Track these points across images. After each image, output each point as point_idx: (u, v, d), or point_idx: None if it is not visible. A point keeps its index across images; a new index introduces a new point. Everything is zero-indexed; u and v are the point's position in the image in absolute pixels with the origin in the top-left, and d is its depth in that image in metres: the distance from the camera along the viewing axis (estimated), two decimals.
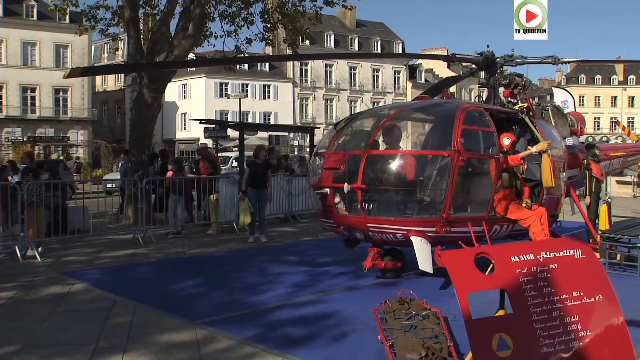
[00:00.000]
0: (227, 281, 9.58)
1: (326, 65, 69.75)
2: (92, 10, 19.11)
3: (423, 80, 75.40)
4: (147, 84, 16.53)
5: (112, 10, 19.33)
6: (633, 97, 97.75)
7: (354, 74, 72.36)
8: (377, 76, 74.12)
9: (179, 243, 13.43)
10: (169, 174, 14.56)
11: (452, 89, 57.05)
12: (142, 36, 18.32)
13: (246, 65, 61.17)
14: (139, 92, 17.15)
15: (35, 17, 53.13)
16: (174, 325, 6.95)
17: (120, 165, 22.92)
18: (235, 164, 26.56)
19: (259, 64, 64.12)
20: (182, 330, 6.77)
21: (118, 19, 19.19)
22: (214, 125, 25.33)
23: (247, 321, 7.17)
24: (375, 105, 60.30)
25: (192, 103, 62.68)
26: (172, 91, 59.49)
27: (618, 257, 10.57)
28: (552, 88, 30.11)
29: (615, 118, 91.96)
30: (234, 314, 7.54)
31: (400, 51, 73.40)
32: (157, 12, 20.64)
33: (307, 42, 22.88)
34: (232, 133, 28.88)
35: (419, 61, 77.96)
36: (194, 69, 60.49)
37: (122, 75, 66.89)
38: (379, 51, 72.25)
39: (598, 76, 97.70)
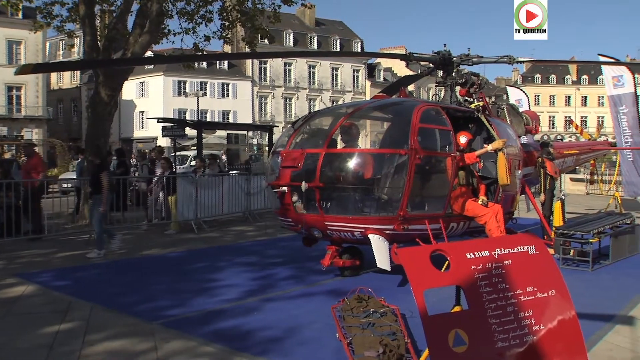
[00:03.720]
0: (184, 281, 9.48)
1: (285, 64, 69.60)
2: (47, 7, 18.68)
3: (382, 79, 75.70)
4: (104, 82, 16.27)
5: (67, 7, 18.96)
6: (586, 97, 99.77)
7: (313, 73, 72.37)
8: (336, 75, 74.26)
9: (136, 243, 13.25)
10: None
11: (411, 87, 57.59)
12: (98, 33, 18.00)
13: (205, 64, 60.68)
14: (95, 90, 16.86)
15: None
16: (131, 327, 6.87)
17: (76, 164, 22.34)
18: (193, 162, 26.26)
19: (217, 63, 63.68)
20: (140, 331, 6.69)
21: (75, 15, 18.81)
22: (172, 124, 24.99)
23: (205, 321, 7.13)
24: (334, 104, 60.46)
25: (150, 101, 61.83)
26: (129, 89, 58.74)
27: (571, 253, 10.81)
28: (507, 87, 30.57)
29: (569, 117, 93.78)
30: (191, 314, 7.50)
31: (359, 50, 73.54)
32: (113, 8, 20.35)
33: (266, 40, 22.70)
34: (190, 132, 28.57)
35: (378, 60, 78.43)
36: (151, 67, 59.68)
37: (79, 72, 65.54)
38: (338, 50, 72.33)
39: (553, 76, 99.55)
